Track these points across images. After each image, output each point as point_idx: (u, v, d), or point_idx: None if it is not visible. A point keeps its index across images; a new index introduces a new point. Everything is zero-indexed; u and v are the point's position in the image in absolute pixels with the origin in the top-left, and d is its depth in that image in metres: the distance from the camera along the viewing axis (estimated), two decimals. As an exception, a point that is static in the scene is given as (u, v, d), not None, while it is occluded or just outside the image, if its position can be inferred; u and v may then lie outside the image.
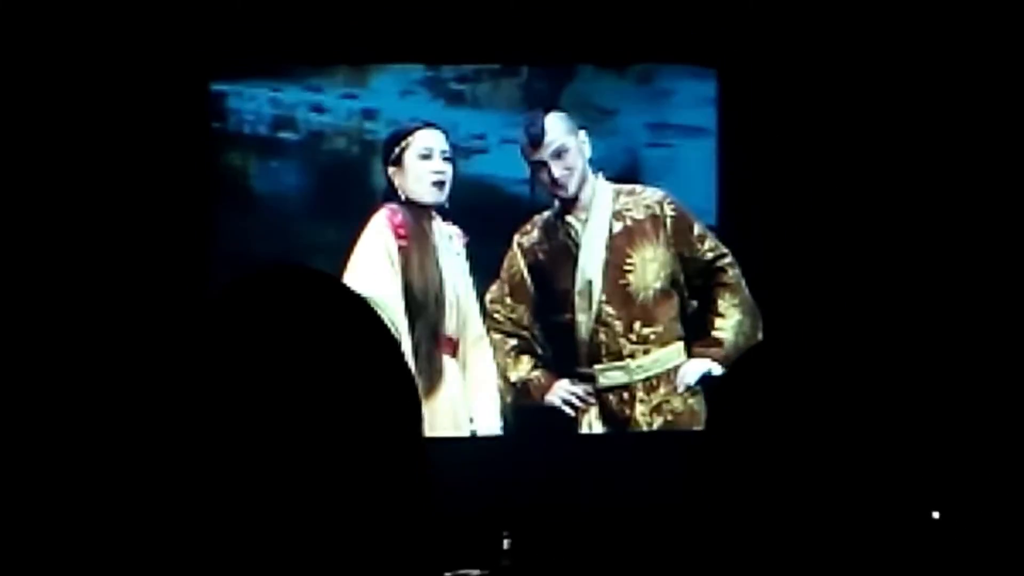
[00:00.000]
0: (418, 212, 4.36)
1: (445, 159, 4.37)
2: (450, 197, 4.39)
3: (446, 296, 4.36)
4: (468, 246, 4.42)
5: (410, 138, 4.37)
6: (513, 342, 4.43)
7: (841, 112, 4.45)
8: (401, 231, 4.33)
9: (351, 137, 4.46)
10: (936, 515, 1.18)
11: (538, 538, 4.20)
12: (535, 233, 4.47)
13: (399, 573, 1.09)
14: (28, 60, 4.24)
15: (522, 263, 4.46)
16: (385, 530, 1.08)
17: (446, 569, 3.84)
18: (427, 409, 4.28)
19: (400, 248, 4.33)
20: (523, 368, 4.43)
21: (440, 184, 4.36)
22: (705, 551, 1.23)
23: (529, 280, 4.46)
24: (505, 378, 4.41)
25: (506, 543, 4.12)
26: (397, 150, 4.37)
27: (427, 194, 4.36)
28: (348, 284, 1.27)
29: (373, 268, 4.29)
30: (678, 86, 4.55)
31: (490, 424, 4.41)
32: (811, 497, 1.22)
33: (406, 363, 1.18)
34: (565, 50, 4.49)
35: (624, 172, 4.50)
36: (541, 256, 4.47)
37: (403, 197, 4.36)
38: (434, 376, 4.34)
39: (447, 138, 4.39)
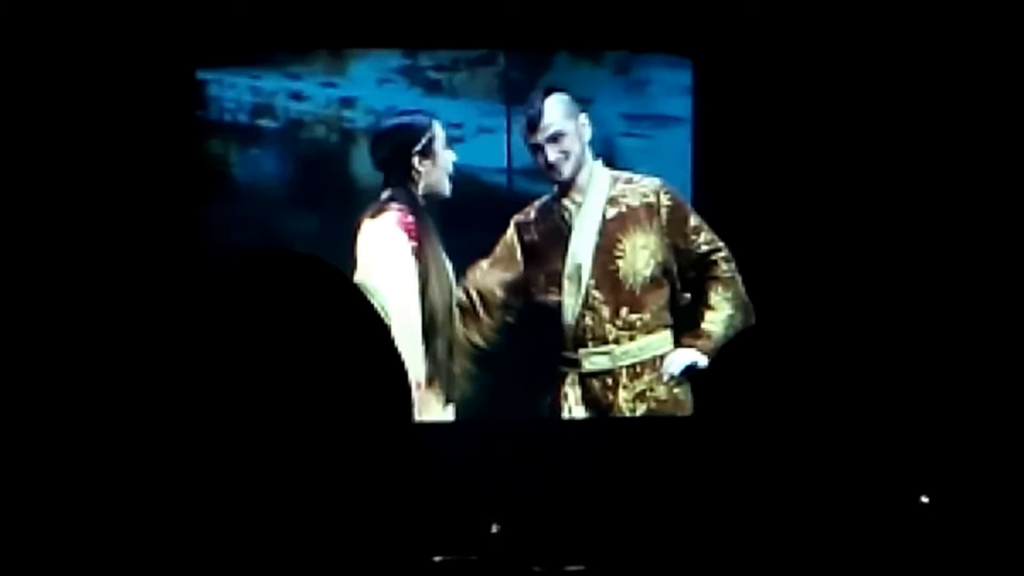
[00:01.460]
0: (422, 212, 4.36)
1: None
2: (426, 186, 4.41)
3: (454, 296, 4.38)
4: (447, 235, 4.43)
5: (433, 128, 4.37)
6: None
7: (817, 101, 4.48)
8: (413, 234, 4.33)
9: (330, 125, 4.46)
10: (925, 499, 1.21)
11: (526, 524, 4.20)
12: (532, 213, 4.47)
13: (390, 558, 1.10)
14: (17, 54, 4.24)
15: (516, 241, 4.47)
16: (375, 516, 1.09)
17: (435, 555, 3.85)
18: (444, 411, 4.31)
19: (414, 252, 4.32)
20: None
21: (451, 173, 4.39)
22: (695, 534, 1.26)
23: (520, 258, 4.46)
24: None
25: (494, 528, 4.12)
26: (425, 140, 4.36)
27: (446, 184, 4.38)
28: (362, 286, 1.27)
29: (391, 273, 4.27)
30: (654, 76, 4.57)
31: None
32: (799, 482, 1.24)
33: (395, 347, 1.19)
34: (542, 39, 4.51)
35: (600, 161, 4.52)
36: (536, 236, 4.47)
37: (421, 190, 4.36)
38: (451, 389, 4.38)
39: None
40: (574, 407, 4.45)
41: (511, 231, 4.46)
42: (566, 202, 4.45)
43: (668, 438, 4.24)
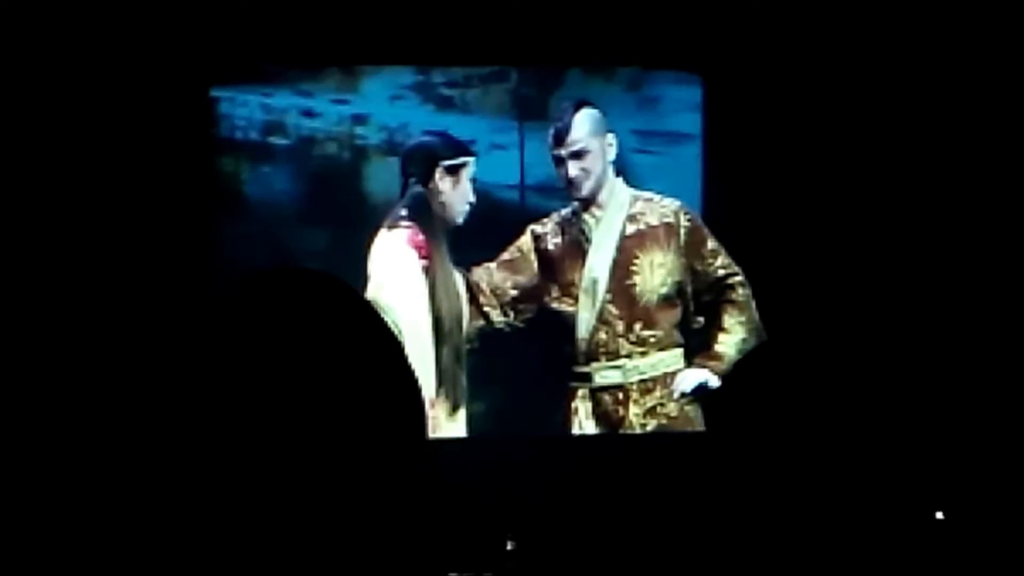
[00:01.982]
0: (435, 230, 4.37)
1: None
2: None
3: (464, 314, 4.40)
4: (458, 251, 4.44)
5: (470, 160, 4.39)
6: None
7: (826, 117, 4.49)
8: (423, 251, 4.33)
9: (342, 142, 4.48)
10: (940, 515, 1.21)
11: (540, 541, 4.19)
12: (550, 225, 4.48)
13: (403, 573, 1.10)
14: (32, 73, 4.26)
15: (531, 248, 4.48)
16: (388, 529, 1.10)
17: (450, 571, 3.84)
18: (453, 427, 4.32)
19: (424, 268, 4.33)
20: None
21: (467, 212, 4.39)
22: (708, 551, 1.26)
23: (535, 266, 4.47)
24: None
25: (509, 545, 4.11)
26: (455, 163, 4.38)
27: (460, 215, 4.39)
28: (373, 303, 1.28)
29: (403, 289, 4.28)
30: (664, 92, 4.58)
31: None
32: (813, 499, 1.24)
33: (408, 364, 1.19)
34: (554, 55, 4.53)
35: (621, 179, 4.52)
36: (552, 247, 4.48)
37: (438, 203, 4.37)
38: (459, 396, 4.38)
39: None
40: (584, 421, 4.46)
41: (527, 237, 4.48)
42: (586, 216, 4.46)
43: (680, 454, 4.24)
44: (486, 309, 4.44)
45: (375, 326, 1.18)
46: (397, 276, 4.29)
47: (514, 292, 4.46)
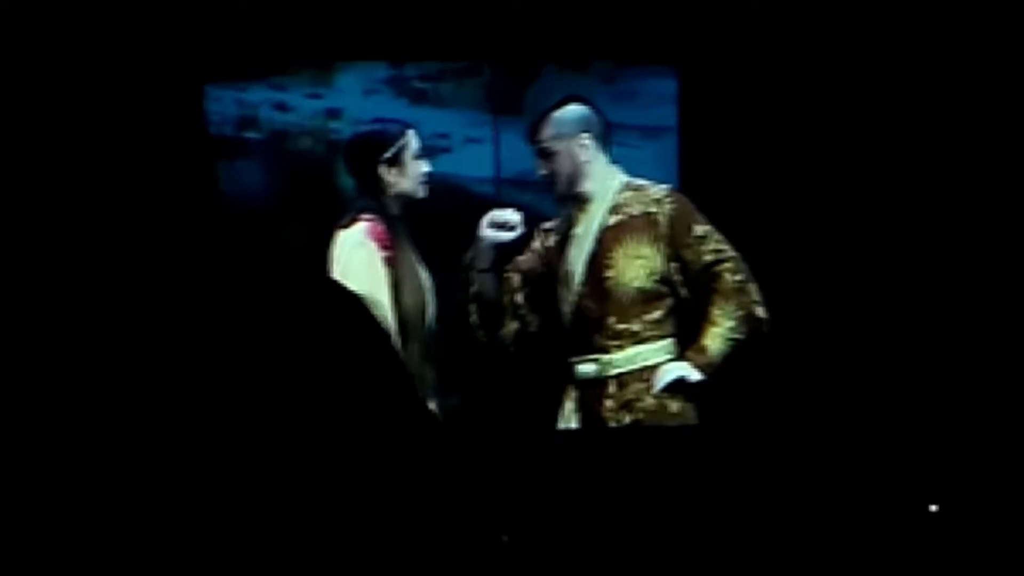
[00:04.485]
0: (395, 220, 4.36)
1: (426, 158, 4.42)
2: (412, 197, 4.42)
3: (430, 306, 4.39)
4: (432, 244, 4.44)
5: (405, 138, 4.37)
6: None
7: (802, 109, 4.51)
8: (384, 242, 4.32)
9: (316, 136, 4.47)
10: (933, 508, 1.21)
11: (534, 536, 4.19)
12: (554, 221, 4.50)
13: (399, 568, 1.10)
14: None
15: (538, 244, 4.51)
16: (385, 522, 1.10)
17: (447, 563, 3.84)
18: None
19: (386, 260, 4.33)
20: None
21: (426, 182, 4.39)
22: (702, 542, 1.25)
23: (539, 264, 4.50)
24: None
25: (504, 539, 4.10)
26: (394, 149, 4.36)
27: (419, 191, 4.37)
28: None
29: (362, 282, 4.24)
30: (639, 86, 4.58)
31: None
32: (807, 490, 1.23)
33: (400, 357, 1.20)
34: (528, 50, 4.52)
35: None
36: (550, 242, 4.50)
37: (392, 195, 4.36)
38: (426, 391, 4.35)
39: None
40: (571, 415, 4.46)
41: (536, 236, 4.51)
42: (575, 209, 4.46)
43: (660, 448, 4.25)
44: (504, 322, 4.47)
45: (368, 322, 1.19)
46: (358, 268, 4.27)
47: (525, 290, 4.47)
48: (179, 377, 1.09)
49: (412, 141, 4.37)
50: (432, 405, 4.39)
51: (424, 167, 4.37)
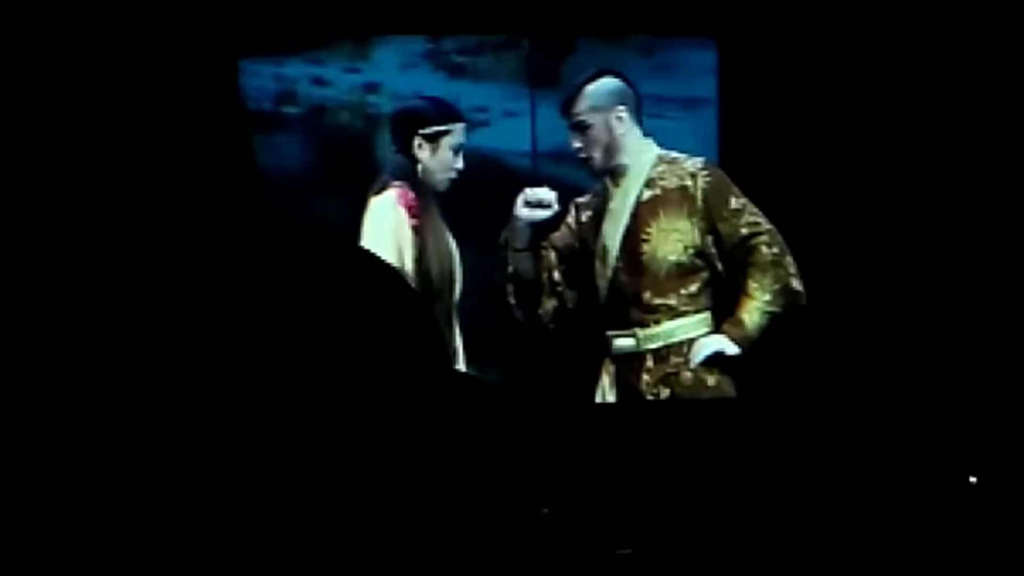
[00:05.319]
0: (425, 190, 4.37)
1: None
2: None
3: (456, 275, 4.39)
4: (468, 218, 4.44)
5: (451, 125, 4.38)
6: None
7: (842, 82, 4.47)
8: (414, 210, 4.34)
9: (353, 111, 4.47)
10: (973, 480, 1.20)
11: (575, 508, 4.19)
12: (588, 196, 4.49)
13: (440, 541, 1.10)
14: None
15: (574, 222, 4.49)
16: (418, 496, 1.09)
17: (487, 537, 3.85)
18: None
19: (414, 228, 4.34)
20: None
21: (454, 178, 4.39)
22: (738, 517, 1.25)
23: (575, 239, 4.48)
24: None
25: (544, 511, 4.10)
26: (435, 130, 4.37)
27: (442, 183, 4.39)
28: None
29: (389, 249, 4.27)
30: (678, 58, 4.56)
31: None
32: (846, 466, 1.23)
33: (439, 328, 1.20)
34: (566, 23, 4.51)
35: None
36: (584, 218, 4.49)
37: (419, 174, 4.38)
38: (451, 357, 4.38)
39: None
40: (608, 390, 4.46)
41: (571, 211, 4.48)
42: (609, 183, 4.45)
43: (698, 421, 4.24)
44: (543, 299, 4.47)
45: (406, 292, 1.18)
46: (384, 235, 4.28)
47: (557, 275, 4.46)
48: (216, 352, 1.09)
49: (457, 133, 4.38)
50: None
51: (457, 162, 4.37)
